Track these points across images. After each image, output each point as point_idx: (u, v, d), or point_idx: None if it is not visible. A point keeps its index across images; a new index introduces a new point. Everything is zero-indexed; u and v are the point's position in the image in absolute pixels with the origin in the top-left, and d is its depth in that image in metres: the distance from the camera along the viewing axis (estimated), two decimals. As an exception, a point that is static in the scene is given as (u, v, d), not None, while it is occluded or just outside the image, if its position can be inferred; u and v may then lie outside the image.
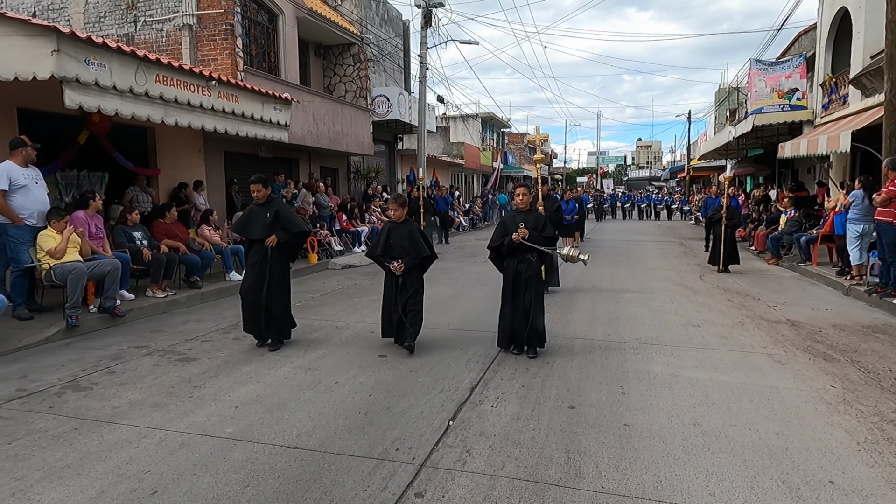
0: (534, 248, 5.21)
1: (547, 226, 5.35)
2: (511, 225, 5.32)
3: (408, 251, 5.41)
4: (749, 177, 27.21)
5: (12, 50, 6.21)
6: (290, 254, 5.91)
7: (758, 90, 16.03)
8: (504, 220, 5.58)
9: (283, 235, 5.64)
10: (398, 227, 5.56)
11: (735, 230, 11.23)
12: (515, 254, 5.30)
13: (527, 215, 5.36)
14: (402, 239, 5.44)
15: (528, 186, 5.47)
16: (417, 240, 5.50)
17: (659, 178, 65.61)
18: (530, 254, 5.26)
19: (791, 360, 5.28)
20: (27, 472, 3.15)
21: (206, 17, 10.98)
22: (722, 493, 2.95)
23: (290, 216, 5.80)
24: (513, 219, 5.40)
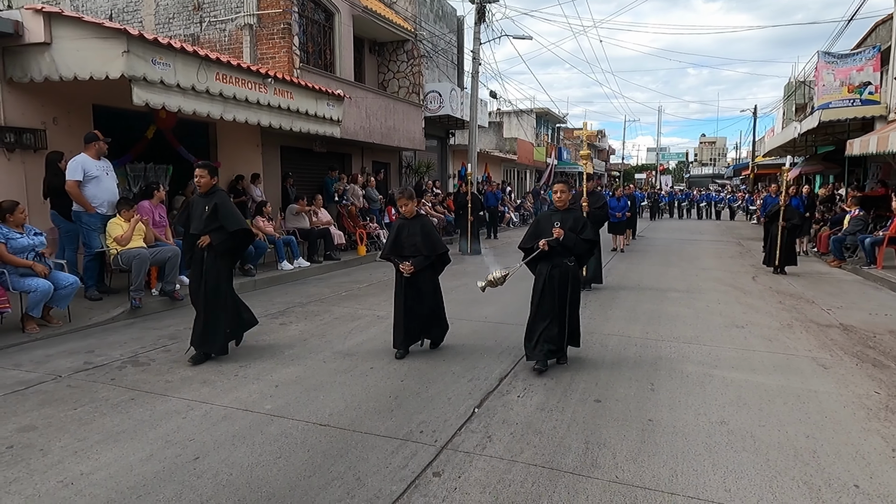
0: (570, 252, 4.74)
1: (586, 227, 4.82)
2: (546, 225, 4.82)
3: (420, 250, 5.04)
4: (818, 175, 25.86)
5: (88, 52, 6.75)
6: (230, 256, 5.19)
7: (826, 84, 15.24)
8: (539, 218, 5.08)
9: (218, 237, 4.91)
10: (409, 223, 5.17)
11: (794, 231, 10.73)
12: (550, 257, 4.78)
13: (564, 215, 4.84)
14: (415, 236, 5.07)
15: (567, 183, 5.03)
16: (433, 237, 5.16)
17: (722, 176, 63.11)
18: (566, 257, 4.77)
19: (836, 364, 5.11)
20: (88, 435, 3.50)
21: (265, 17, 11.46)
22: (738, 490, 2.95)
23: (228, 211, 4.97)
24: (549, 218, 4.90)
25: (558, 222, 4.75)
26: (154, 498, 2.81)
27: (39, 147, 7.46)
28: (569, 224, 4.75)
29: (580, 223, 4.81)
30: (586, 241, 4.80)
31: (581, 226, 4.79)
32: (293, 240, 10.08)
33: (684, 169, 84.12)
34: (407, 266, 4.99)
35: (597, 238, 4.94)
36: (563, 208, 4.89)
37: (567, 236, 4.66)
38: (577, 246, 4.74)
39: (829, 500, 2.88)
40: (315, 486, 2.94)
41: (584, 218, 4.93)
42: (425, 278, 5.14)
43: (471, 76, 18.11)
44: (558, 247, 4.67)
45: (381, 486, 2.95)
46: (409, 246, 5.05)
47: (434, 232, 5.25)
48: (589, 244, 4.84)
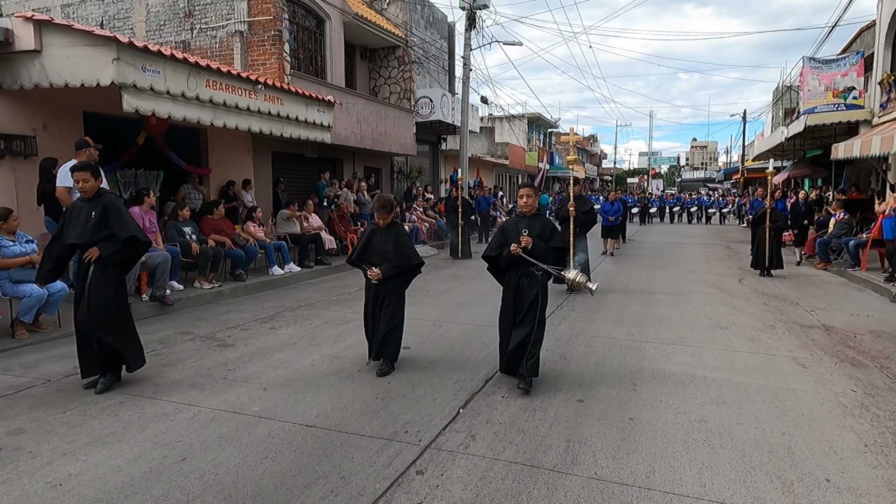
0: (536, 262, 4.40)
1: (555, 235, 4.52)
2: (512, 232, 4.49)
3: (391, 258, 4.82)
4: (807, 178, 26.14)
5: (79, 59, 6.79)
6: (120, 268, 4.54)
7: (811, 89, 15.46)
8: (505, 225, 4.73)
9: (108, 247, 4.31)
10: (382, 231, 4.93)
11: (780, 233, 10.92)
12: (517, 266, 4.48)
13: (531, 221, 4.52)
14: (386, 244, 4.85)
15: (532, 187, 4.69)
16: (405, 246, 4.94)
17: (714, 180, 63.61)
18: (534, 266, 4.43)
19: (816, 364, 5.21)
20: (77, 437, 3.55)
21: (256, 24, 11.53)
22: (713, 485, 3.04)
23: (120, 216, 4.39)
24: (515, 225, 4.57)
25: (525, 229, 4.44)
26: (141, 497, 2.86)
27: (30, 154, 7.49)
28: (536, 231, 4.45)
29: (548, 229, 4.50)
30: (555, 248, 4.49)
31: (549, 232, 4.48)
32: (284, 245, 10.13)
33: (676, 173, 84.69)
34: (375, 272, 4.79)
35: (566, 245, 4.62)
36: (530, 213, 4.58)
37: (535, 244, 4.37)
38: (546, 254, 4.42)
39: (800, 493, 2.96)
40: (300, 484, 3.01)
41: (552, 224, 4.61)
42: (391, 288, 4.89)
43: (462, 82, 18.24)
44: (526, 256, 4.37)
45: (364, 484, 3.01)
46: (379, 254, 4.84)
47: (408, 241, 5.04)
48: (557, 252, 4.53)
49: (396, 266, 4.85)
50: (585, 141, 58.02)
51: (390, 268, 4.82)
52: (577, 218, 7.96)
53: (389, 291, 4.89)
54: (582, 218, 8.45)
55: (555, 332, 6.33)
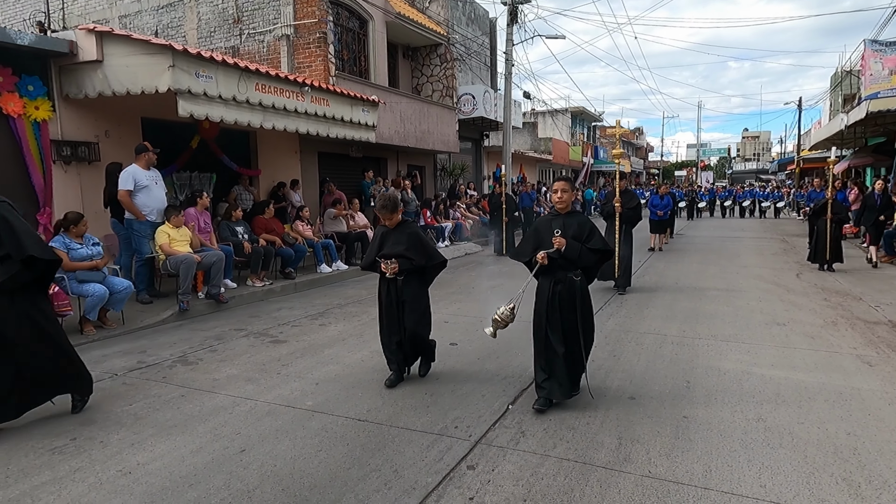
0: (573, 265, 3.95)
1: (594, 235, 4.00)
2: (545, 232, 4.03)
3: (404, 254, 4.39)
4: (869, 168, 24.87)
5: (137, 67, 7.11)
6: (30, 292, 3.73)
7: (873, 73, 14.70)
8: (536, 225, 4.23)
9: (4, 271, 3.54)
10: (393, 232, 4.50)
11: (840, 226, 10.42)
12: (551, 271, 3.99)
13: (567, 219, 4.04)
14: (399, 245, 4.40)
15: (568, 180, 4.18)
16: (422, 244, 4.50)
17: (766, 171, 61.18)
18: (572, 271, 3.98)
19: (883, 362, 4.97)
20: (143, 429, 3.73)
21: (301, 27, 11.78)
22: (773, 486, 2.94)
23: (13, 232, 3.56)
24: (548, 224, 4.08)
25: (559, 230, 3.96)
26: (205, 486, 2.99)
27: (94, 159, 7.88)
28: (572, 231, 3.96)
29: (586, 229, 4.00)
30: (594, 251, 3.96)
31: (587, 233, 3.98)
32: (331, 243, 10.32)
33: (726, 165, 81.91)
34: (391, 266, 4.32)
35: (607, 247, 4.05)
36: (565, 211, 4.10)
37: (570, 246, 3.88)
38: (583, 257, 3.92)
39: (869, 497, 2.84)
40: (354, 477, 3.07)
41: (591, 223, 4.09)
42: (413, 292, 4.46)
43: (504, 77, 18.14)
44: (560, 259, 3.90)
45: (416, 478, 3.05)
46: (394, 256, 4.38)
47: (424, 239, 4.58)
48: (597, 255, 4.00)
49: (410, 260, 4.39)
50: (631, 134, 56.81)
51: (407, 263, 4.38)
52: (622, 214, 7.97)
53: (411, 297, 4.45)
54: (627, 214, 8.22)
55: (603, 328, 6.24)
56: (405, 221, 4.61)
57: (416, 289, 4.51)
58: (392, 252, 4.39)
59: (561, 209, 4.11)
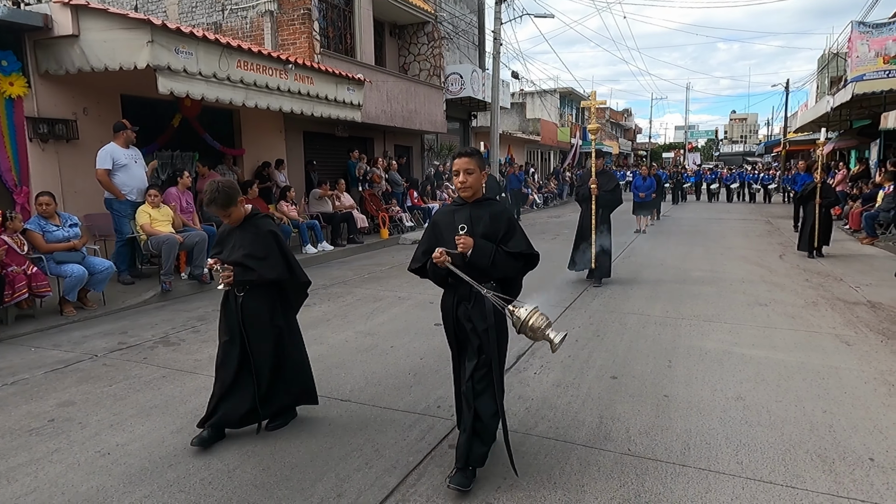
0: (485, 274, 2.78)
1: (514, 232, 2.83)
2: (446, 229, 2.86)
3: (244, 262, 3.20)
4: (853, 150, 25.08)
5: (115, 42, 6.92)
6: None
7: (860, 55, 14.73)
8: (435, 219, 3.01)
9: None
10: (236, 232, 3.31)
11: (830, 209, 10.02)
12: (454, 284, 2.86)
13: (476, 211, 2.85)
14: (241, 248, 3.24)
15: (473, 155, 2.87)
16: (272, 251, 3.27)
17: (753, 153, 61.53)
18: (483, 281, 2.76)
19: (860, 341, 5.04)
20: (123, 409, 3.70)
21: (285, 3, 11.54)
22: (750, 463, 2.99)
23: None
24: (450, 218, 2.89)
25: (464, 225, 2.80)
26: (184, 467, 2.97)
27: (72, 137, 7.70)
28: (482, 226, 2.80)
29: (501, 224, 2.82)
30: (513, 256, 2.80)
31: (504, 229, 2.82)
32: (317, 224, 10.25)
33: (714, 147, 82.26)
34: (223, 273, 3.20)
35: (531, 250, 2.86)
36: (473, 198, 2.88)
37: (479, 248, 2.73)
38: (499, 264, 2.76)
39: (842, 472, 2.89)
40: (335, 456, 3.07)
41: (510, 216, 2.92)
42: (257, 314, 3.29)
43: (492, 57, 17.96)
44: (465, 266, 2.74)
45: (398, 457, 3.06)
46: (231, 262, 3.24)
47: (281, 245, 3.34)
48: (518, 261, 2.84)
49: (246, 269, 3.19)
50: (619, 115, 56.74)
51: (244, 272, 3.19)
52: (599, 197, 7.25)
53: (260, 316, 3.28)
54: (605, 198, 7.37)
55: (588, 308, 6.28)
56: (255, 217, 3.36)
57: (261, 311, 3.28)
58: (229, 258, 3.26)
59: (467, 196, 2.87)
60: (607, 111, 50.59)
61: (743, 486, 2.78)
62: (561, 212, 20.50)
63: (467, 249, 2.73)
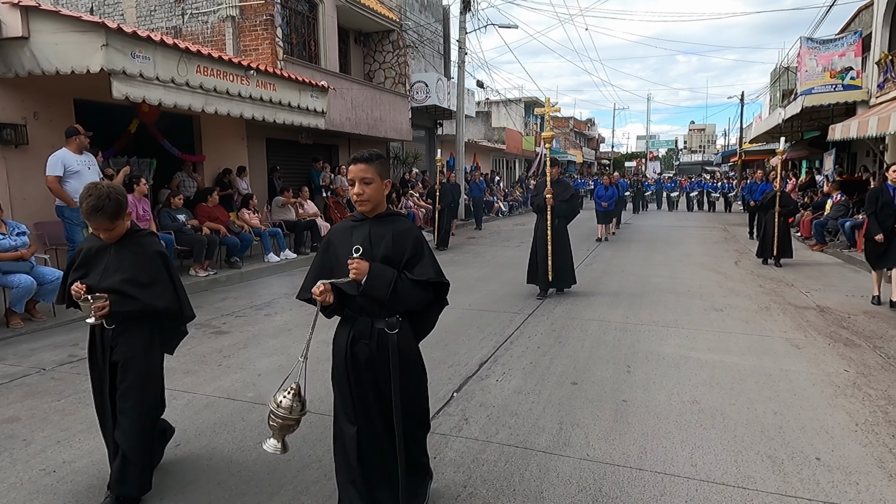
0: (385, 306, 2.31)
1: (421, 255, 2.38)
2: (341, 249, 2.39)
3: (123, 290, 2.60)
4: (804, 160, 26.09)
5: (67, 45, 6.72)
6: None
7: (808, 70, 15.36)
8: (330, 237, 2.51)
9: None
10: (114, 249, 2.68)
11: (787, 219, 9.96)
12: (351, 317, 2.45)
13: (376, 228, 2.39)
14: (120, 272, 2.62)
15: (371, 160, 2.35)
16: (157, 273, 2.72)
17: (712, 163, 63.41)
18: (382, 317, 2.36)
19: (809, 344, 5.23)
20: (71, 425, 3.56)
21: (247, 9, 11.40)
22: (703, 465, 3.06)
23: None
24: (346, 235, 2.42)
25: (359, 247, 2.33)
26: (135, 483, 2.87)
27: (21, 142, 7.42)
28: (383, 247, 2.35)
29: (407, 245, 2.38)
30: (419, 284, 2.34)
31: (410, 251, 2.37)
32: (279, 232, 10.11)
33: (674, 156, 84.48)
34: (94, 305, 2.55)
35: (440, 278, 2.40)
36: (373, 213, 2.41)
37: (374, 275, 2.26)
38: (402, 293, 2.30)
39: (790, 472, 2.99)
40: (293, 468, 3.02)
41: (417, 235, 2.44)
42: (131, 344, 2.67)
43: (457, 66, 18.11)
44: (359, 297, 2.29)
45: (357, 468, 3.02)
46: (106, 288, 2.59)
47: (160, 263, 2.76)
48: (426, 291, 2.38)
49: (132, 300, 2.60)
50: (583, 125, 57.78)
51: (123, 302, 2.59)
52: (554, 207, 6.99)
53: (129, 352, 2.66)
54: (561, 207, 7.05)
55: (550, 315, 6.34)
56: (140, 234, 2.80)
57: (135, 348, 2.68)
58: (102, 283, 2.60)
59: (365, 211, 2.39)
60: (571, 120, 51.48)
61: (696, 487, 2.84)
62: (526, 219, 20.68)
63: (361, 276, 2.24)
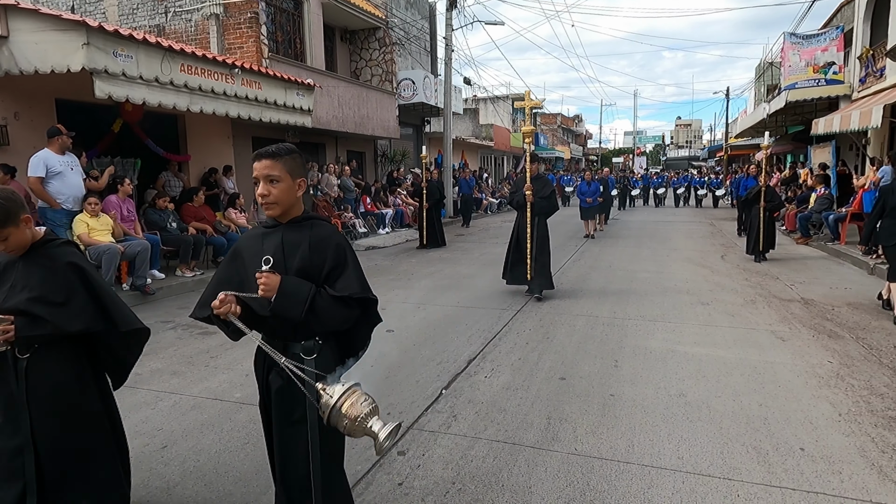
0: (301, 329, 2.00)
1: (343, 267, 2.04)
2: (251, 260, 2.05)
3: (30, 310, 2.13)
4: (789, 154, 26.36)
5: (47, 45, 6.63)
6: None
7: (791, 65, 15.52)
8: (238, 246, 2.17)
9: None
10: (22, 264, 2.22)
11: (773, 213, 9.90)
12: (267, 344, 2.01)
13: (290, 234, 2.07)
14: (25, 290, 2.16)
15: (275, 157, 2.00)
16: (70, 289, 2.23)
17: (698, 158, 63.89)
18: (298, 340, 2.03)
19: (794, 336, 5.29)
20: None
21: (231, 6, 11.30)
22: (690, 457, 3.08)
23: None
24: (257, 244, 2.08)
25: (269, 258, 1.95)
26: (121, 486, 2.85)
27: (1, 143, 7.32)
28: (299, 258, 2.02)
29: (327, 253, 2.03)
30: (342, 301, 2.00)
31: (332, 262, 2.03)
32: (267, 231, 10.03)
33: (661, 152, 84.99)
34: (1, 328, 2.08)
35: (366, 293, 2.05)
36: (286, 218, 2.08)
37: (285, 291, 1.93)
38: (320, 312, 1.95)
39: (775, 462, 3.02)
40: (281, 468, 3.01)
41: (340, 241, 2.08)
42: (53, 379, 2.20)
43: (444, 63, 18.09)
44: (271, 318, 1.97)
45: (346, 466, 3.00)
46: (11, 309, 2.13)
47: (75, 277, 2.25)
48: (351, 309, 2.03)
49: (41, 322, 2.13)
50: (570, 121, 57.94)
51: (31, 325, 2.12)
52: (534, 204, 6.84)
53: (48, 399, 2.18)
54: (540, 204, 6.92)
55: (538, 311, 6.36)
56: (51, 244, 2.28)
57: (65, 383, 2.22)
58: (7, 304, 2.14)
59: (273, 215, 2.04)
60: (559, 117, 51.61)
61: (683, 480, 2.86)
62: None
63: (270, 293, 1.89)
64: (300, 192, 2.09)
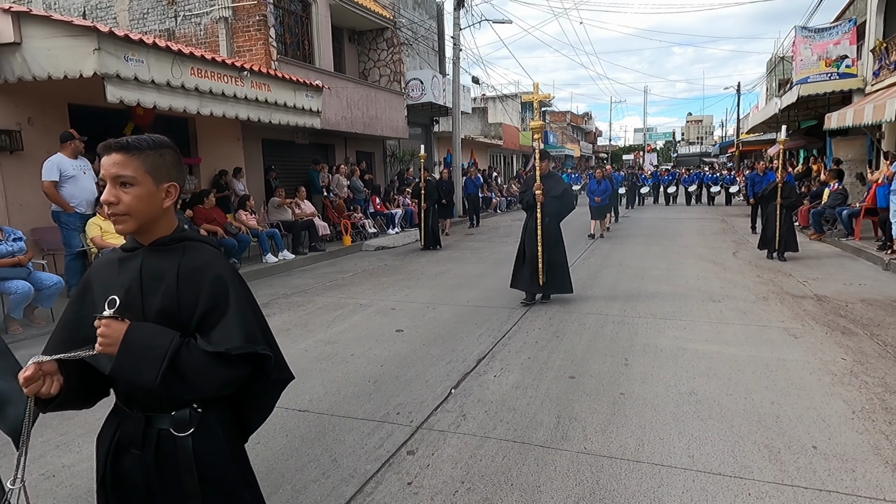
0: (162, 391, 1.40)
1: (224, 309, 1.46)
2: (100, 295, 1.48)
3: None
4: (802, 150, 26.06)
5: (60, 50, 6.72)
6: None
7: (803, 59, 15.34)
8: (89, 276, 1.58)
9: None
10: None
11: (791, 210, 9.49)
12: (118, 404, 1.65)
13: (152, 261, 1.50)
14: None
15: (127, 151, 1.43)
16: None
17: (709, 154, 63.36)
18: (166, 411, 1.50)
19: (807, 333, 5.24)
20: (71, 429, 3.57)
21: (240, 10, 11.38)
22: (700, 456, 3.07)
23: None
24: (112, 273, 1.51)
25: (115, 297, 1.44)
26: (134, 486, 2.88)
27: (16, 149, 7.42)
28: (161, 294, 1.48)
29: (202, 290, 1.48)
30: (221, 358, 1.43)
31: (208, 302, 1.47)
32: (276, 232, 10.11)
33: (672, 148, 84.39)
34: None
35: (258, 350, 1.47)
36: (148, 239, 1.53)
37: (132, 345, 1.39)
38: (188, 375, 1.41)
39: (787, 461, 3.00)
40: (291, 468, 3.03)
41: (222, 273, 1.51)
42: None
43: (452, 62, 18.09)
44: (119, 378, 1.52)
45: (356, 466, 3.04)
46: None
47: None
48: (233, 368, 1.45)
49: None
50: (580, 119, 57.72)
51: None
52: (545, 204, 6.44)
53: None
54: (552, 204, 6.47)
55: (548, 309, 6.35)
56: None
57: None
58: None
59: (128, 230, 1.50)
60: (568, 115, 51.44)
61: (694, 478, 2.85)
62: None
63: (111, 349, 1.39)
64: (168, 203, 1.51)
